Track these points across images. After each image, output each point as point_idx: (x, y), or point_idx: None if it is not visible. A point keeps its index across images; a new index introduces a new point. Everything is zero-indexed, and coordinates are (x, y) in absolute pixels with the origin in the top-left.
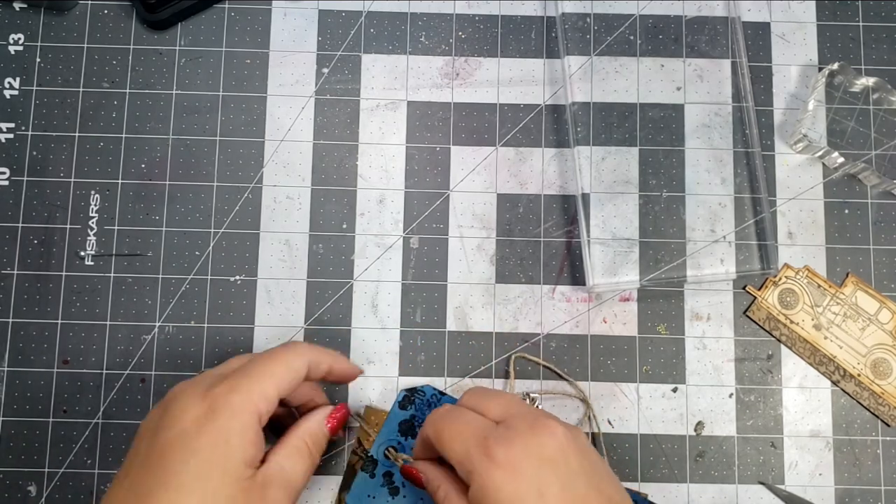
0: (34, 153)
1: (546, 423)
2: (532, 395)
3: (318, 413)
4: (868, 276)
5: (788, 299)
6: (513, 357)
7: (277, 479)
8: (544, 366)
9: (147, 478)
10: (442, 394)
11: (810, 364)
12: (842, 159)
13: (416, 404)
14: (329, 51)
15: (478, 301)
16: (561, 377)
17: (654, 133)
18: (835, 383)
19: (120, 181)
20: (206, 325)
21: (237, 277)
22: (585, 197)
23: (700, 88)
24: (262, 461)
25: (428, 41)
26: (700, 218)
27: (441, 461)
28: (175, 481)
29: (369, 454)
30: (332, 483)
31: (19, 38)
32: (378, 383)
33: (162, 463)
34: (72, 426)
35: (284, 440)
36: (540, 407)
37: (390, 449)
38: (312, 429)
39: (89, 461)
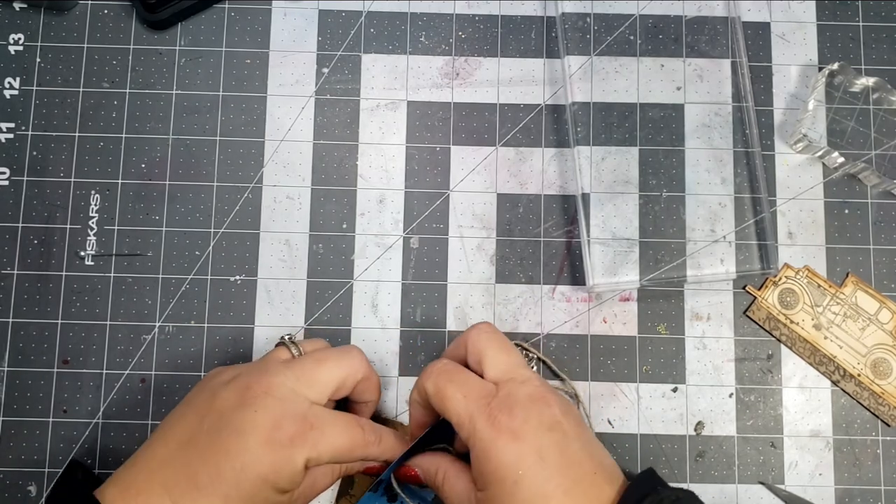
0: (34, 153)
1: (543, 394)
2: (529, 352)
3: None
4: (868, 276)
5: (788, 299)
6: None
7: (305, 492)
8: (539, 357)
9: (203, 467)
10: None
11: (810, 364)
12: (842, 159)
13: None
14: (329, 51)
15: (478, 301)
16: (553, 373)
17: (654, 133)
18: (835, 383)
19: (120, 181)
20: (206, 325)
21: (237, 277)
22: (585, 197)
23: (700, 88)
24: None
25: (428, 41)
26: (700, 218)
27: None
28: (226, 491)
29: (381, 478)
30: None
31: (19, 38)
32: None
33: (220, 467)
34: (71, 426)
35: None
36: (534, 367)
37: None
38: (353, 464)
39: (89, 461)
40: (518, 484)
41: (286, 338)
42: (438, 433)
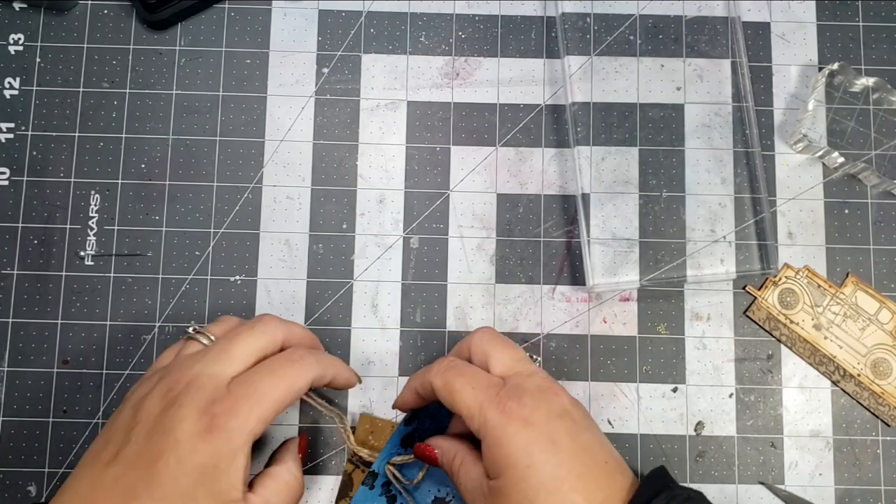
0: (34, 153)
1: (551, 385)
2: (533, 356)
3: (288, 455)
4: (868, 276)
5: (788, 299)
6: None
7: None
8: (539, 361)
9: (136, 478)
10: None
11: (810, 364)
12: (842, 159)
13: (420, 418)
14: (329, 51)
15: (478, 301)
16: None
17: (654, 133)
18: (835, 383)
19: (120, 181)
20: (205, 325)
21: (237, 277)
22: (585, 197)
23: (700, 88)
24: (251, 486)
25: (428, 41)
26: (700, 218)
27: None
28: (161, 493)
29: (372, 469)
30: (333, 483)
31: (19, 38)
32: (378, 383)
33: (152, 469)
34: (72, 426)
35: (272, 472)
36: (540, 365)
37: (389, 466)
38: (293, 467)
39: None
40: (531, 468)
41: (192, 330)
42: (429, 425)
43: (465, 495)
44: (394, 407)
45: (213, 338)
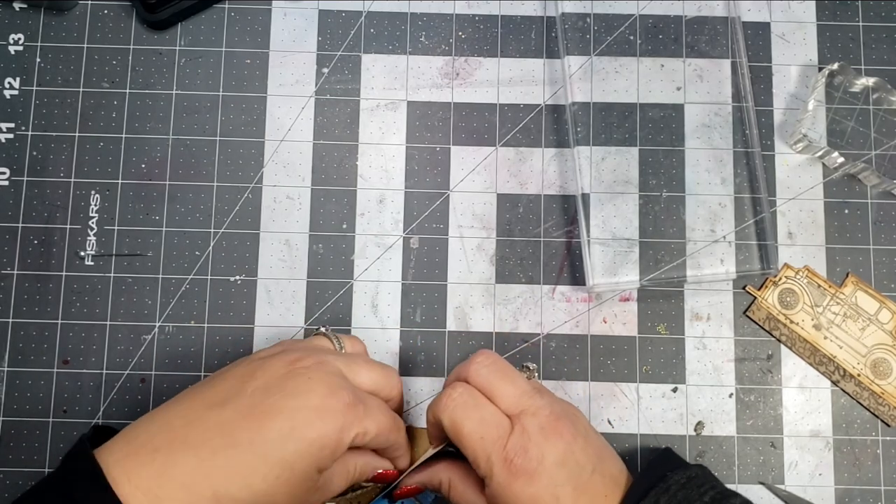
0: (34, 153)
1: (554, 424)
2: (530, 366)
3: (380, 461)
4: (868, 276)
5: (788, 299)
6: None
7: (326, 488)
8: (537, 372)
9: (243, 429)
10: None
11: (810, 364)
12: (842, 159)
13: None
14: (329, 51)
15: (478, 301)
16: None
17: (654, 133)
18: (835, 383)
19: (120, 181)
20: (206, 325)
21: (237, 277)
22: (585, 197)
23: (700, 88)
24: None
25: (428, 41)
26: (700, 218)
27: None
28: (263, 452)
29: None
30: None
31: (19, 38)
32: None
33: (262, 426)
34: (72, 426)
35: (346, 459)
36: (537, 378)
37: None
38: (369, 467)
39: None
40: (534, 479)
41: (325, 328)
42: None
43: None
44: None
45: (342, 345)
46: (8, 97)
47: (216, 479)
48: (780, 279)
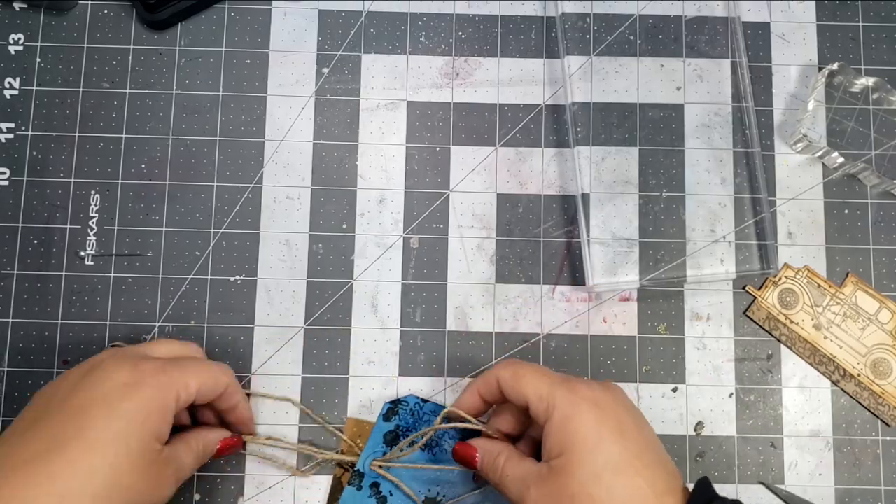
0: (34, 153)
1: (611, 385)
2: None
3: (217, 432)
4: (868, 276)
5: (788, 299)
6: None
7: (174, 462)
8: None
9: (65, 429)
10: (425, 401)
11: (810, 364)
12: (842, 159)
13: (400, 414)
14: (329, 51)
15: (478, 301)
16: None
17: (654, 133)
18: (835, 383)
19: (120, 181)
20: (206, 325)
21: (237, 277)
22: (585, 197)
23: (700, 88)
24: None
25: (428, 41)
26: (700, 218)
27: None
28: (93, 437)
29: (356, 468)
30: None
31: (19, 38)
32: (378, 383)
33: (82, 418)
34: None
35: (185, 436)
36: None
37: (374, 465)
38: (208, 439)
39: None
40: (599, 446)
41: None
42: (412, 422)
43: (507, 490)
44: (455, 406)
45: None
46: (8, 97)
47: (59, 483)
48: (780, 279)
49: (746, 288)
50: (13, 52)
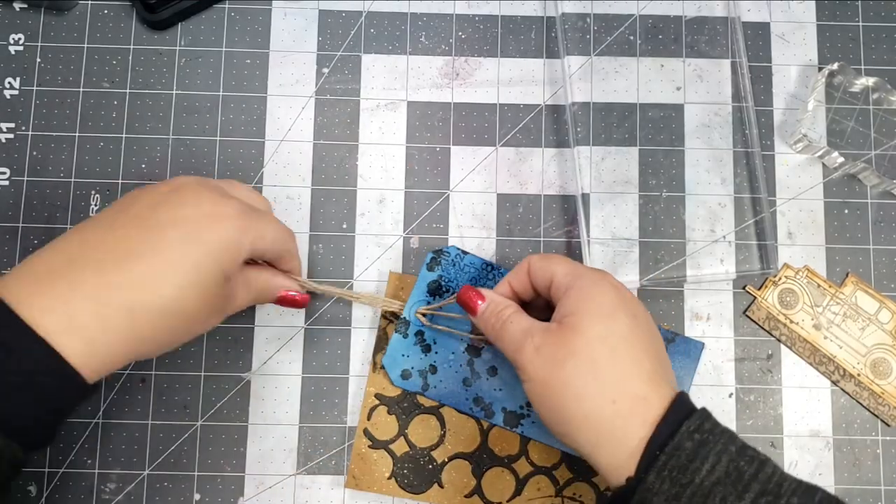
0: (34, 153)
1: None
2: None
3: (282, 279)
4: (868, 275)
5: (788, 299)
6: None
7: (233, 297)
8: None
9: (141, 241)
10: (465, 253)
11: (810, 364)
12: (842, 159)
13: (443, 265)
14: (329, 51)
15: None
16: None
17: (654, 133)
18: (835, 383)
19: (120, 181)
20: None
21: None
22: (585, 197)
23: (700, 88)
24: None
25: (428, 41)
26: (700, 218)
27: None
28: (168, 256)
29: (402, 317)
30: (333, 483)
31: (19, 38)
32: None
33: (159, 235)
34: (72, 426)
35: (246, 275)
36: None
37: (418, 313)
38: (270, 283)
39: (89, 461)
40: (610, 318)
41: None
42: (454, 273)
43: (506, 338)
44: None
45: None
46: (8, 97)
47: (125, 291)
48: (780, 279)
49: (746, 288)
50: (13, 52)
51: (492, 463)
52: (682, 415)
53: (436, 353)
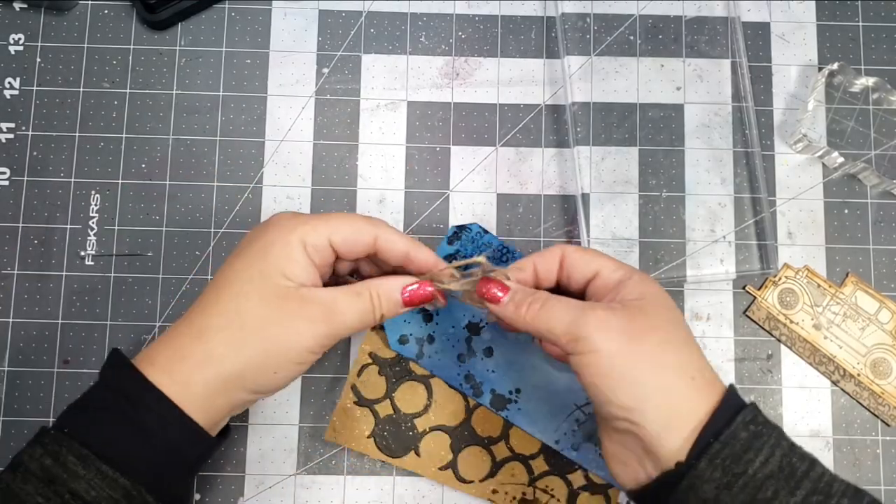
0: (34, 153)
1: None
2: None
3: (397, 279)
4: (868, 275)
5: (788, 299)
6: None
7: (323, 302)
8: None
9: (204, 292)
10: (486, 231)
11: (810, 364)
12: (842, 159)
13: (462, 240)
14: (329, 51)
15: None
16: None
17: (654, 133)
18: (835, 383)
19: (120, 181)
20: None
21: None
22: (585, 197)
23: (700, 88)
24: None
25: (428, 41)
26: (700, 218)
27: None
28: (222, 279)
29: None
30: (333, 483)
31: (19, 38)
32: None
33: (223, 268)
34: None
35: (350, 284)
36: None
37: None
38: (384, 286)
39: None
40: (670, 313)
41: None
42: (471, 249)
43: (552, 320)
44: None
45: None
46: (8, 97)
47: (191, 323)
48: (780, 279)
49: (746, 288)
50: (13, 52)
51: (471, 441)
52: (735, 406)
53: (436, 323)
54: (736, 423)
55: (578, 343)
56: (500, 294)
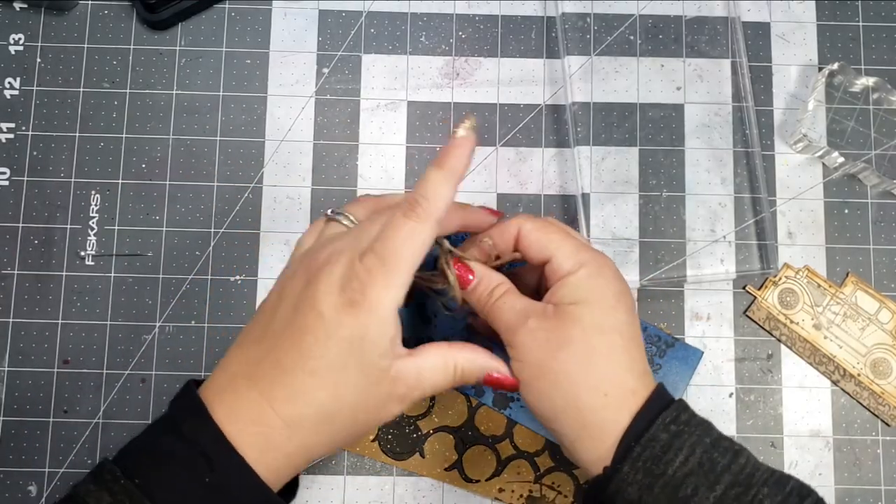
0: (34, 153)
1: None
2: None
3: (485, 358)
4: (868, 275)
5: (788, 299)
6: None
7: (410, 378)
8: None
9: (287, 352)
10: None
11: (810, 364)
12: (842, 159)
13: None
14: (329, 51)
15: None
16: None
17: (654, 133)
18: (835, 383)
19: (120, 181)
20: (206, 324)
21: (237, 277)
22: (585, 197)
23: (700, 88)
24: (406, 352)
25: (428, 41)
26: (700, 218)
27: None
28: (312, 365)
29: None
30: (333, 483)
31: (19, 38)
32: None
33: (301, 343)
34: (72, 426)
35: (437, 350)
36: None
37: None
38: (470, 365)
39: (89, 461)
40: (612, 310)
41: (330, 212)
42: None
43: (500, 315)
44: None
45: (353, 219)
46: (8, 97)
47: (279, 406)
48: (780, 279)
49: (746, 288)
50: (13, 52)
51: (476, 441)
52: (659, 406)
53: (435, 326)
54: (655, 425)
55: (511, 349)
56: (469, 278)
